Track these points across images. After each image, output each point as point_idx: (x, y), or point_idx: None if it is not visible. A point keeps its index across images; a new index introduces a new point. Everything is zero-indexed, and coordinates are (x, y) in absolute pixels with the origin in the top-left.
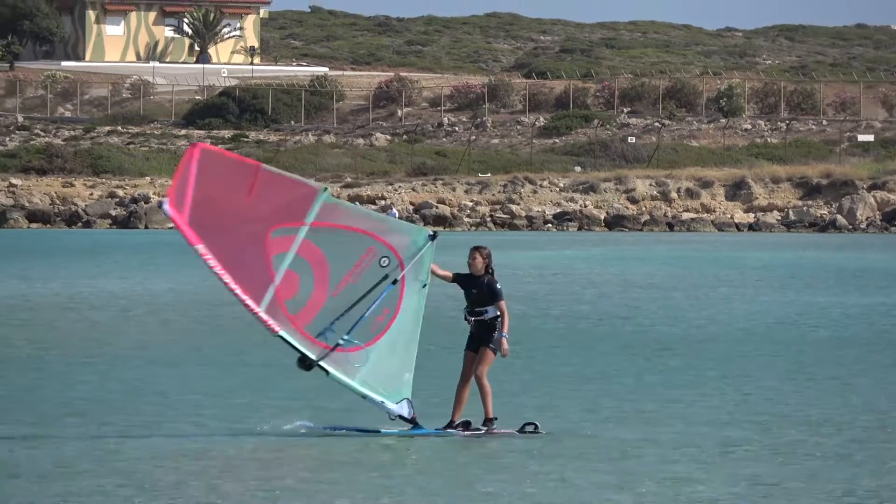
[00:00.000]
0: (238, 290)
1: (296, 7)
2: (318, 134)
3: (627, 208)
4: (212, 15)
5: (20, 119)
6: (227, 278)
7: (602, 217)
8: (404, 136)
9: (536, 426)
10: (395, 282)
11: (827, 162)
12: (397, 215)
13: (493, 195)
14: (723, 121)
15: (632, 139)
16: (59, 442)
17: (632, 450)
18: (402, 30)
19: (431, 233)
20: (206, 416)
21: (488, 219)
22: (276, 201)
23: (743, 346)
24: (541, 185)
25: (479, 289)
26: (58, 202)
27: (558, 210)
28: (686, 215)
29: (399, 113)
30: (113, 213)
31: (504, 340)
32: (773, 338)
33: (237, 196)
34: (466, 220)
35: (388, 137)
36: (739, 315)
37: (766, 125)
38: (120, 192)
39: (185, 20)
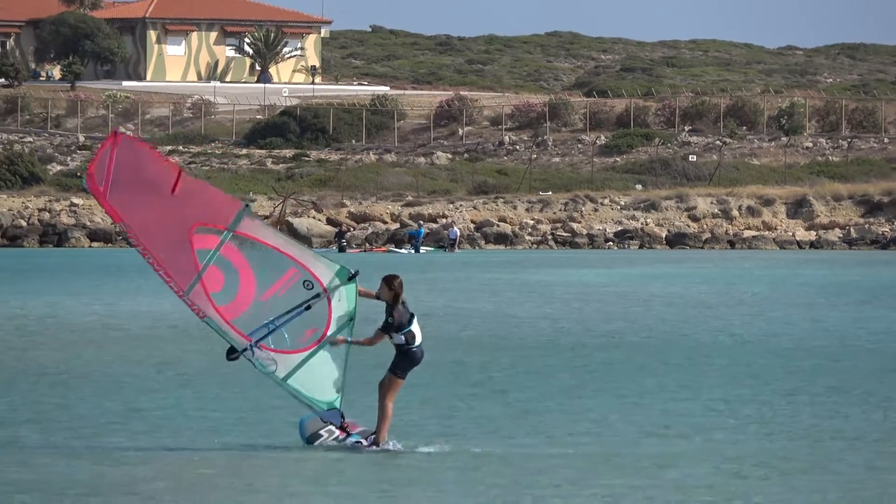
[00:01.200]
0: (162, 272)
1: (357, 27)
2: (378, 153)
3: (688, 226)
4: (273, 35)
5: (81, 139)
6: (152, 259)
7: (663, 235)
8: (465, 155)
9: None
10: (318, 295)
11: (889, 180)
12: (458, 234)
13: (554, 213)
14: (784, 139)
15: (692, 157)
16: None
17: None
18: (463, 49)
19: (352, 272)
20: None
21: (549, 237)
22: (199, 202)
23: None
24: (602, 204)
25: (389, 315)
26: None
27: (619, 228)
28: (747, 233)
29: (460, 132)
30: None
31: (340, 338)
32: None
33: (161, 190)
34: (528, 238)
35: (449, 156)
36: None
37: (827, 143)
38: None
39: (246, 40)
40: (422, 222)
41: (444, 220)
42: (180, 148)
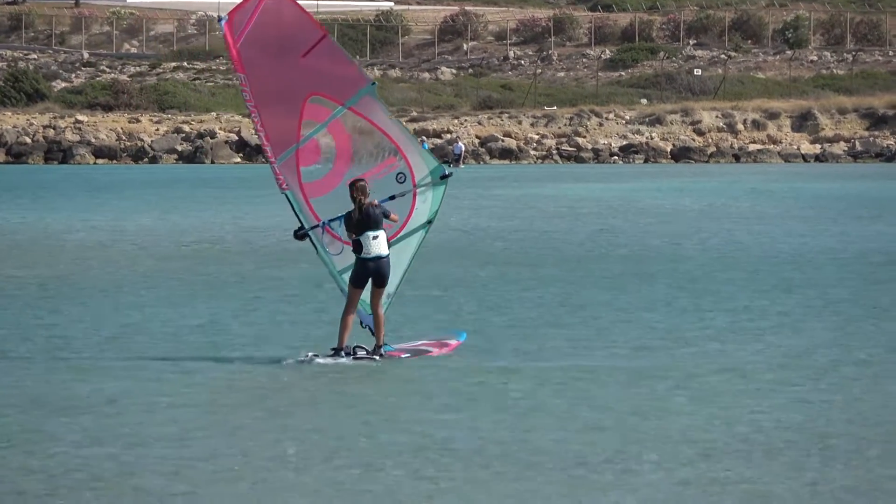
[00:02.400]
0: (262, 133)
1: None
2: (383, 69)
3: (693, 140)
4: None
5: (86, 56)
6: (256, 117)
7: (668, 149)
8: (470, 70)
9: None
10: (392, 198)
11: (893, 92)
12: (464, 149)
13: (559, 128)
14: (788, 52)
15: (698, 71)
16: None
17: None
18: None
19: (447, 171)
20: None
21: (554, 152)
22: (325, 72)
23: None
24: (607, 118)
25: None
26: (124, 138)
27: (624, 143)
28: (752, 147)
29: (465, 47)
30: (179, 148)
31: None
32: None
33: (293, 49)
34: (533, 153)
35: (454, 71)
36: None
37: (832, 56)
38: (186, 128)
39: None
40: (425, 138)
41: (448, 136)
42: (185, 64)
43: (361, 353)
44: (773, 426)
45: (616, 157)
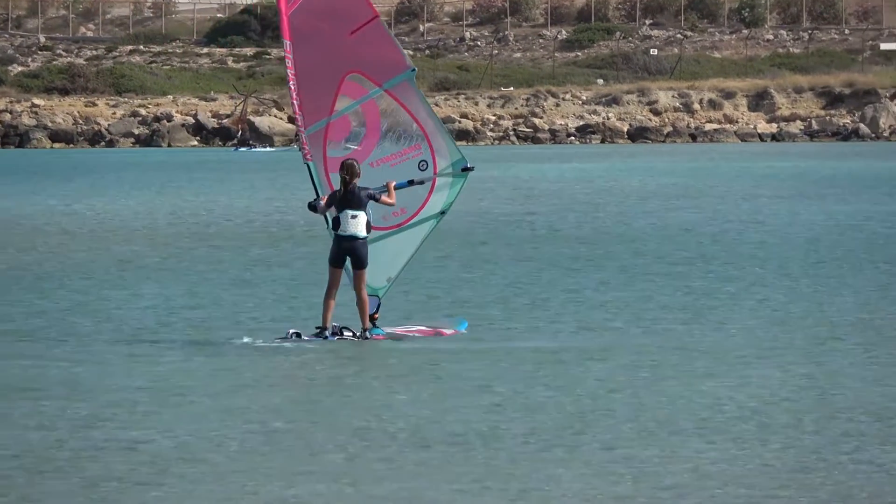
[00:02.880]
0: (296, 103)
1: None
2: None
3: (650, 120)
4: None
5: (42, 39)
6: (293, 85)
7: (625, 129)
8: (426, 52)
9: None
10: (411, 183)
11: (849, 71)
12: None
13: (516, 109)
14: (745, 31)
15: (654, 51)
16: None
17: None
18: None
19: (468, 165)
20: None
21: (511, 133)
22: (369, 52)
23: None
24: (563, 99)
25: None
26: (80, 122)
27: (581, 123)
28: (709, 126)
29: (421, 28)
30: (136, 131)
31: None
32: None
33: (342, 26)
34: (490, 134)
35: (411, 53)
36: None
37: (788, 35)
38: (142, 112)
39: None
40: None
41: None
42: (141, 48)
43: (347, 333)
44: (722, 404)
45: (573, 138)
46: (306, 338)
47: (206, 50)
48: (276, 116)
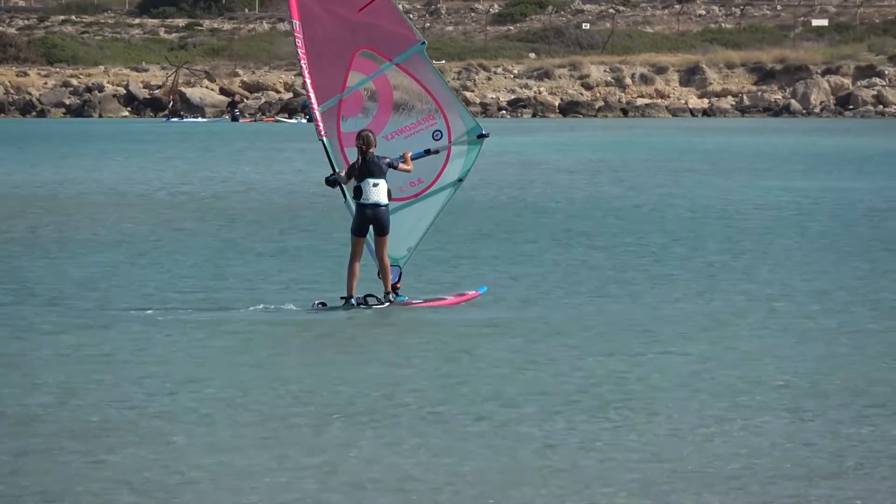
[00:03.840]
0: (308, 81)
1: None
2: (272, 22)
3: (582, 94)
4: None
5: None
6: (305, 64)
7: (556, 103)
8: None
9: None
10: (427, 152)
11: (781, 47)
12: None
13: (448, 82)
14: (677, 7)
15: (586, 25)
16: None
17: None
18: None
19: (484, 132)
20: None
21: None
22: (378, 27)
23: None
24: (495, 72)
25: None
26: (12, 91)
27: (513, 97)
28: (640, 101)
29: None
30: (67, 102)
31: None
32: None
33: (350, 4)
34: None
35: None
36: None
37: (720, 10)
38: (74, 82)
39: None
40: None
41: None
42: (73, 18)
43: (372, 300)
44: (634, 379)
45: (504, 112)
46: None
47: (138, 20)
48: (207, 87)
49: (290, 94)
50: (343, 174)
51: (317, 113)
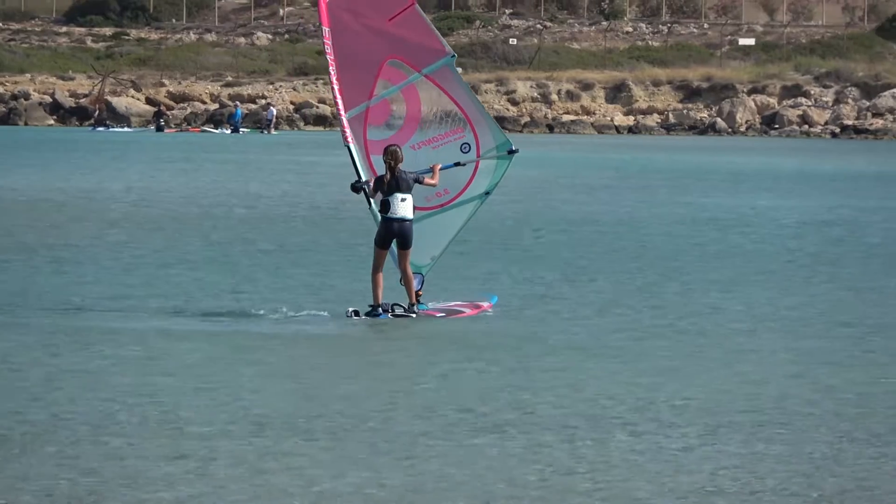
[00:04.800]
0: (336, 87)
1: None
2: (199, 33)
3: (508, 110)
4: None
5: None
6: (333, 70)
7: None
8: (286, 36)
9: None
10: (457, 164)
11: (708, 66)
12: (275, 114)
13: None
14: (604, 23)
15: (513, 41)
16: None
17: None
18: None
19: (513, 147)
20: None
21: None
22: (408, 38)
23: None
24: None
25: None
26: None
27: None
28: (566, 117)
29: (281, 12)
30: None
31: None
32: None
33: (380, 13)
34: None
35: (270, 37)
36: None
37: (647, 28)
38: (0, 89)
39: None
40: (238, 103)
41: (263, 101)
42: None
43: (399, 310)
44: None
45: None
46: (363, 317)
47: (65, 29)
48: (133, 97)
49: (216, 105)
50: (370, 186)
51: (343, 119)
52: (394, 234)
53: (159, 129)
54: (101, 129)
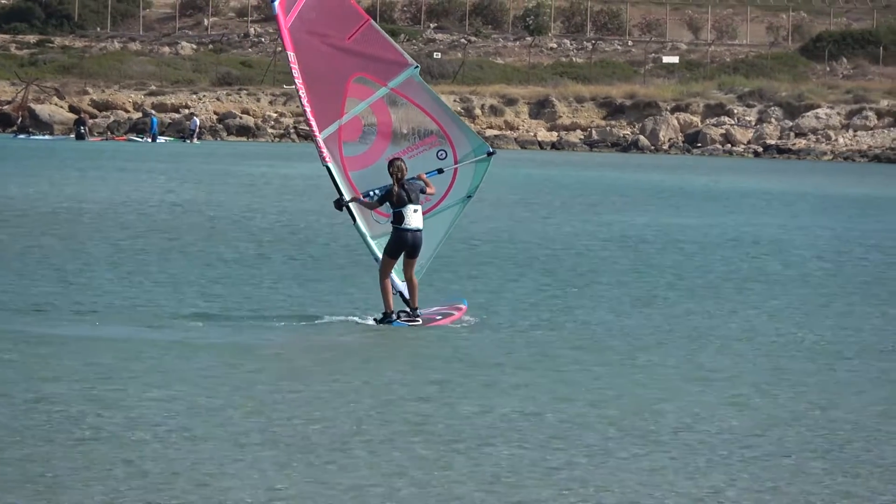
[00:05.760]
0: (308, 109)
1: None
2: (123, 41)
3: None
4: None
5: None
6: (303, 94)
7: None
8: (210, 46)
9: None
10: (440, 171)
11: (631, 83)
12: (198, 124)
13: (298, 107)
14: (529, 39)
15: (437, 55)
16: None
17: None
18: None
19: (490, 150)
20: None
21: (292, 130)
22: (369, 54)
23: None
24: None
25: (386, 192)
26: None
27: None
28: (489, 132)
29: (206, 22)
30: None
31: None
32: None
33: (338, 32)
34: (270, 131)
35: (194, 46)
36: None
37: (571, 44)
38: None
39: None
40: (154, 112)
41: (186, 111)
42: None
43: (404, 316)
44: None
45: None
46: (378, 324)
47: None
48: (56, 104)
49: (140, 114)
50: (374, 199)
51: (319, 140)
52: (407, 244)
53: (80, 136)
54: (22, 136)
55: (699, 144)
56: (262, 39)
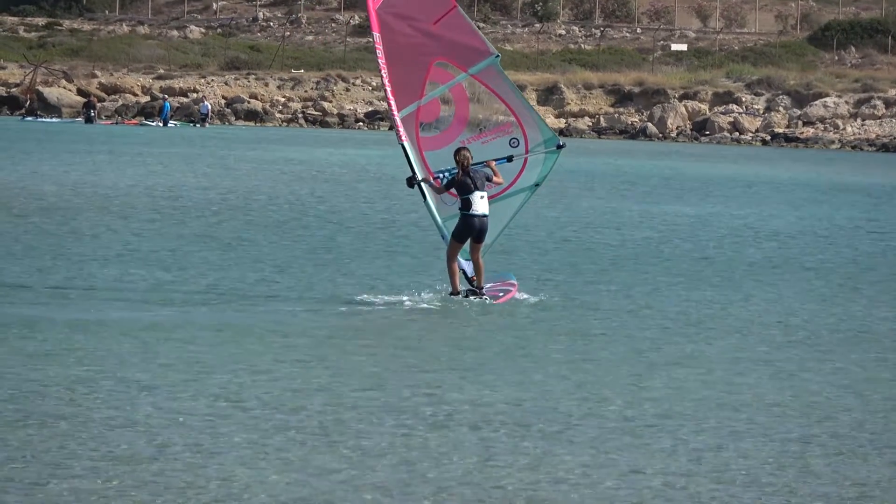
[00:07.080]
0: (388, 88)
1: None
2: (132, 25)
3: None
4: None
5: None
6: (385, 73)
7: None
8: (219, 30)
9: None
10: (510, 159)
11: (640, 70)
12: (209, 109)
13: (306, 92)
14: (537, 26)
15: None
16: None
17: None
18: None
19: (561, 143)
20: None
21: (300, 115)
22: (453, 39)
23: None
24: (353, 84)
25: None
26: None
27: (370, 109)
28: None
29: (214, 6)
30: None
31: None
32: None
33: (425, 16)
34: (278, 115)
35: (203, 30)
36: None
37: (580, 31)
38: None
39: None
40: (166, 96)
41: (195, 95)
42: None
43: (472, 295)
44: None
45: (361, 123)
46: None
47: None
48: (64, 88)
49: (148, 98)
50: (433, 180)
51: (397, 119)
52: (475, 230)
53: (89, 120)
54: (30, 118)
55: (707, 132)
56: (271, 24)
